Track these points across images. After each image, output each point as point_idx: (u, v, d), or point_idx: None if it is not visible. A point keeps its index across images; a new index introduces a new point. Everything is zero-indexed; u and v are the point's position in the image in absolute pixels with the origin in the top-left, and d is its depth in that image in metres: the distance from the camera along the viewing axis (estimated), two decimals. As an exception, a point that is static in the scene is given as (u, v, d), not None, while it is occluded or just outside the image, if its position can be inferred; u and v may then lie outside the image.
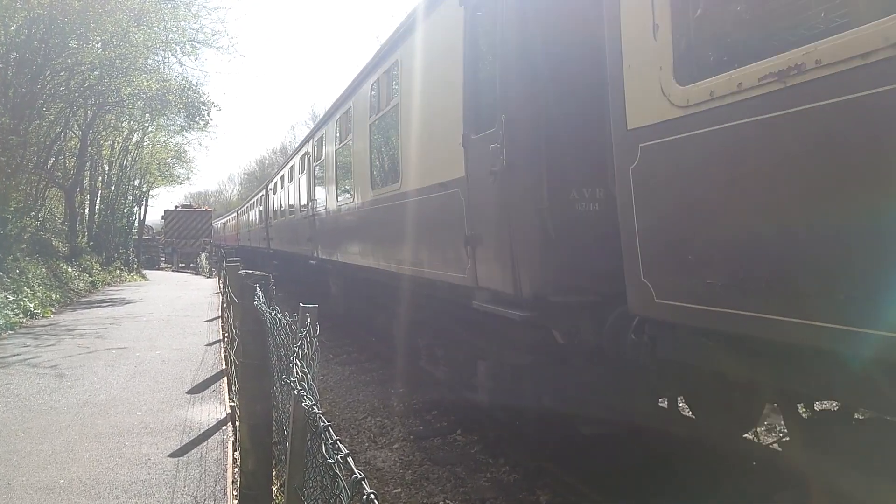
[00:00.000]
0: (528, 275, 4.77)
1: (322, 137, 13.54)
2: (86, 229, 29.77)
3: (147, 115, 27.67)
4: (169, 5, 20.79)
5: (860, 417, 4.26)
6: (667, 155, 3.44)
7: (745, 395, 4.99)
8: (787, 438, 4.47)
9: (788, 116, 2.74)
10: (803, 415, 4.35)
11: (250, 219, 33.68)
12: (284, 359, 3.49)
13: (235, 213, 45.27)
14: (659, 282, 3.57)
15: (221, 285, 16.78)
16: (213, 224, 56.38)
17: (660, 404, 6.03)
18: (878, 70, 2.37)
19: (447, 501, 5.54)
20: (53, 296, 17.88)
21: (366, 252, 9.57)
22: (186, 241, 47.59)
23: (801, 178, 2.75)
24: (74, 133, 26.43)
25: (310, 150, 15.03)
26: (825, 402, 5.20)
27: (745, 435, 5.76)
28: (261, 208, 27.71)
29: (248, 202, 37.25)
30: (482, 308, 5.38)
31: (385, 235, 8.56)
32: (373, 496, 1.37)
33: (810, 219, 2.72)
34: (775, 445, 5.57)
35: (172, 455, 5.65)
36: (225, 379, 8.46)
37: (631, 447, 5.76)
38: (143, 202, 41.91)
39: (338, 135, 11.82)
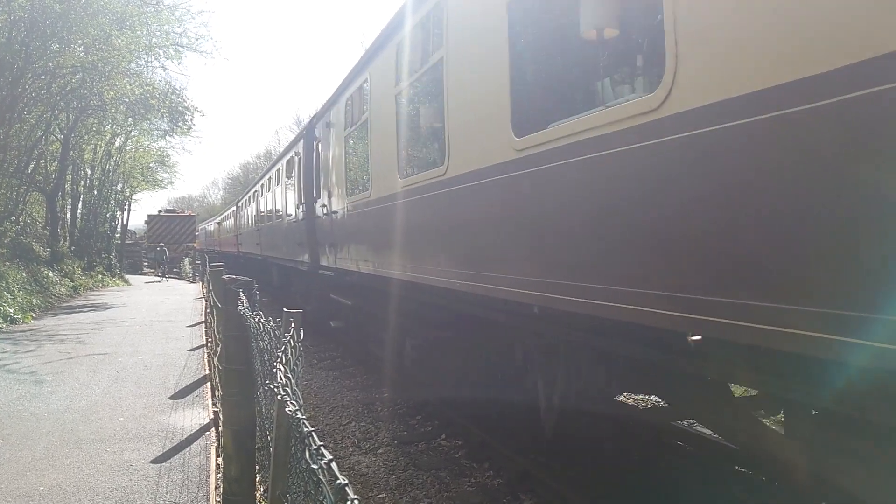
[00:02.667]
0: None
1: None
2: (67, 234, 29.46)
3: (130, 119, 27.45)
4: (152, 9, 20.68)
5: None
6: None
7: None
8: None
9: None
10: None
11: (262, 211, 20.75)
12: (268, 364, 3.47)
13: (234, 208, 33.01)
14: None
15: (205, 290, 16.68)
16: (205, 226, 55.93)
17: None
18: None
19: (432, 506, 5.54)
20: (34, 301, 17.68)
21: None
22: (170, 245, 47.25)
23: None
24: (56, 137, 26.15)
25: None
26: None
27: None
28: (287, 187, 15.11)
29: (257, 183, 22.99)
30: None
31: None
32: (357, 502, 1.37)
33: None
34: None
35: (155, 461, 5.60)
36: (208, 384, 8.40)
37: (617, 450, 5.78)
38: (126, 207, 41.65)
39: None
